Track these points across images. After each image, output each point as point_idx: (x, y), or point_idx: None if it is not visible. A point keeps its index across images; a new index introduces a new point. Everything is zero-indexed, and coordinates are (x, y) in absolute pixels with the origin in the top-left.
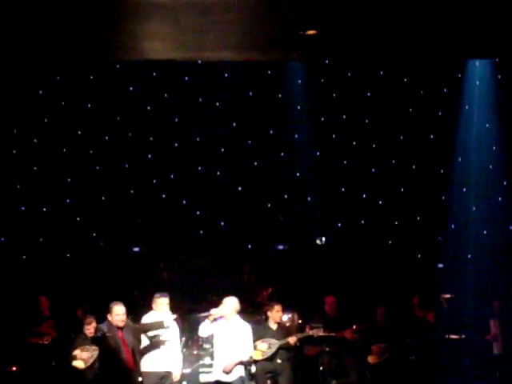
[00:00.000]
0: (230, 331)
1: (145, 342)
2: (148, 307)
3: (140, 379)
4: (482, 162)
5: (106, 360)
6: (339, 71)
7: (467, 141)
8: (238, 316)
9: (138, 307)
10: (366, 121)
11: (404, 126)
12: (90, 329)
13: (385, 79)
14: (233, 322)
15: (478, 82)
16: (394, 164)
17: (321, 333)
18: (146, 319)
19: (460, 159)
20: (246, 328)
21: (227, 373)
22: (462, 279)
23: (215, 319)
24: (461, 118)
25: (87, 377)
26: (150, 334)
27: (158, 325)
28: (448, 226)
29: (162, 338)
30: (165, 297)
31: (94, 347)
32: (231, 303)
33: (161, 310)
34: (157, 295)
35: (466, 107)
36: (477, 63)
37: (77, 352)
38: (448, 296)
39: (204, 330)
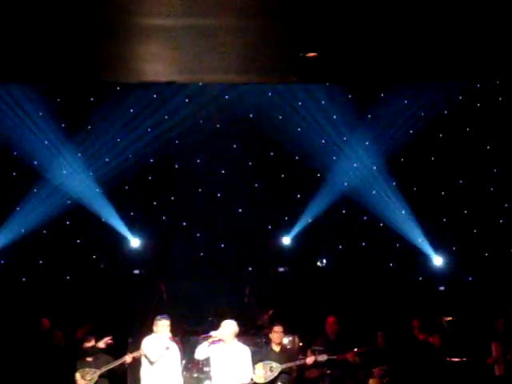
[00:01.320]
0: (228, 354)
1: (145, 364)
2: (149, 329)
3: None
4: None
5: None
6: (340, 93)
7: None
8: (236, 340)
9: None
10: (367, 143)
11: (407, 148)
12: (89, 345)
13: (385, 101)
14: (231, 346)
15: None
16: (394, 186)
17: (325, 358)
18: (147, 341)
19: (460, 181)
20: (244, 351)
21: None
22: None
23: (213, 342)
24: None
25: None
26: (149, 353)
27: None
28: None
29: (162, 360)
30: (166, 319)
31: (93, 370)
32: (230, 326)
33: (161, 332)
34: (158, 317)
35: None
36: None
37: (77, 377)
38: (450, 318)
39: (200, 352)
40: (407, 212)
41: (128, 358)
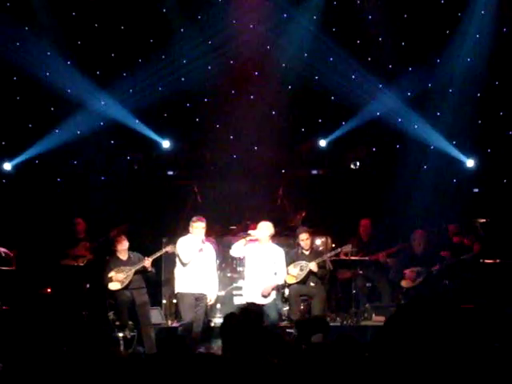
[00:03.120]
0: (263, 255)
1: (178, 264)
2: (184, 230)
3: None
4: None
5: None
6: None
7: None
8: (271, 241)
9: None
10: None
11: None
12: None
13: None
14: (266, 247)
15: None
16: (430, 87)
17: (349, 248)
18: (181, 242)
19: (497, 82)
20: (279, 252)
21: (265, 296)
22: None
23: (250, 241)
24: None
25: (123, 297)
26: (181, 254)
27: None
28: (483, 151)
29: (195, 262)
30: (201, 221)
31: (128, 267)
32: (266, 227)
33: (196, 233)
34: (193, 219)
35: None
36: None
37: (112, 274)
38: (483, 220)
39: (237, 250)
40: (441, 114)
41: (147, 262)
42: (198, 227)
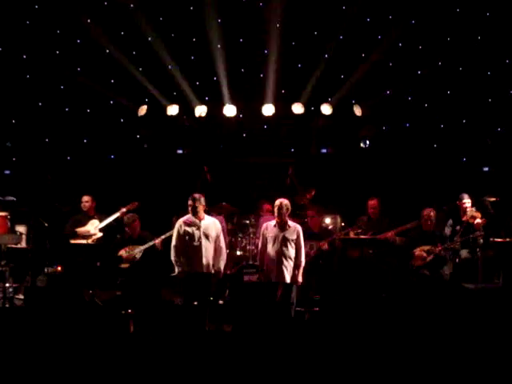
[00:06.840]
0: (282, 233)
1: (182, 240)
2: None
3: None
4: None
5: None
6: None
7: None
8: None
9: None
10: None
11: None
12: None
13: None
14: (285, 224)
15: None
16: (440, 66)
17: (358, 230)
18: (181, 220)
19: (508, 61)
20: (299, 230)
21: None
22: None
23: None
24: None
25: (131, 274)
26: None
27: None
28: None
29: (194, 238)
30: (190, 199)
31: (138, 246)
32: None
33: (190, 211)
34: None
35: None
36: None
37: (122, 252)
38: (493, 199)
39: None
40: (452, 93)
41: (157, 241)
42: (189, 205)
